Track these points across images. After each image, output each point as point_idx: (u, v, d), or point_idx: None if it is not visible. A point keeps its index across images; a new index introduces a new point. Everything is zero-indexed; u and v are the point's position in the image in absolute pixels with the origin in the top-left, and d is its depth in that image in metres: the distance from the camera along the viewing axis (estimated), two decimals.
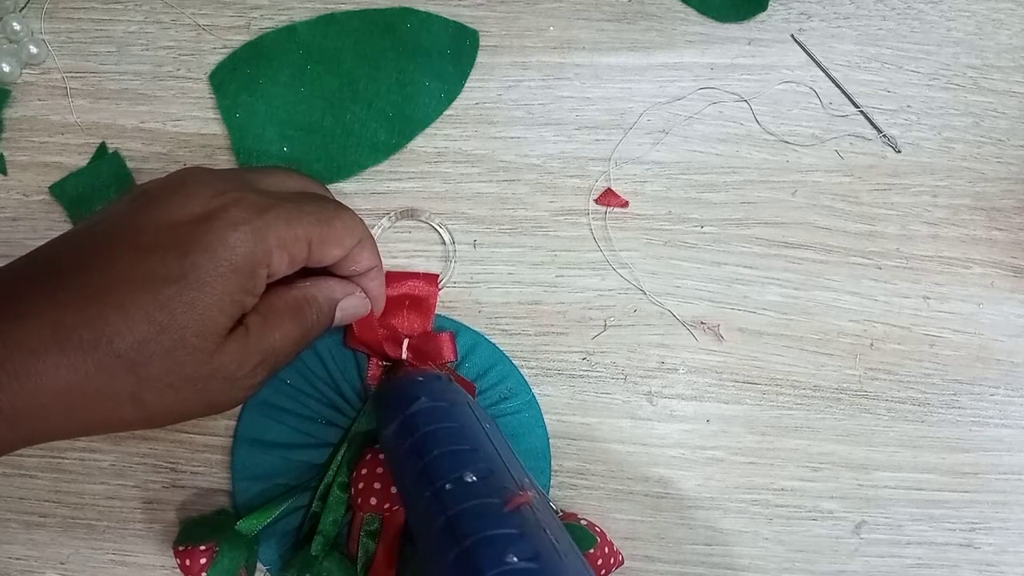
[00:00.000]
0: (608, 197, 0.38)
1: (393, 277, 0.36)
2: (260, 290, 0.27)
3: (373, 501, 0.32)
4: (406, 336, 0.36)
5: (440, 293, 0.37)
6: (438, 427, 0.29)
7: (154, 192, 0.27)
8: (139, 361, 0.24)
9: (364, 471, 0.33)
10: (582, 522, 0.34)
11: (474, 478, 0.26)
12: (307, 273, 0.30)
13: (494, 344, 0.37)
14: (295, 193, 0.29)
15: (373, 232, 0.37)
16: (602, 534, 0.34)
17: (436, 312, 0.37)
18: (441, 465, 0.27)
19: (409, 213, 0.38)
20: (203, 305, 0.25)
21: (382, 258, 0.32)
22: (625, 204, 0.38)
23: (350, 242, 0.29)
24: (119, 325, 0.23)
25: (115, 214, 0.26)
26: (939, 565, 0.37)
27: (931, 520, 0.37)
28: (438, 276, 0.37)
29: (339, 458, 0.35)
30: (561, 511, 0.36)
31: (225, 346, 0.26)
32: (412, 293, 0.36)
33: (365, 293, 0.32)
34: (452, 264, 0.37)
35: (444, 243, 0.38)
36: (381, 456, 0.33)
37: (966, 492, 0.37)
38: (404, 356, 0.35)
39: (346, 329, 0.35)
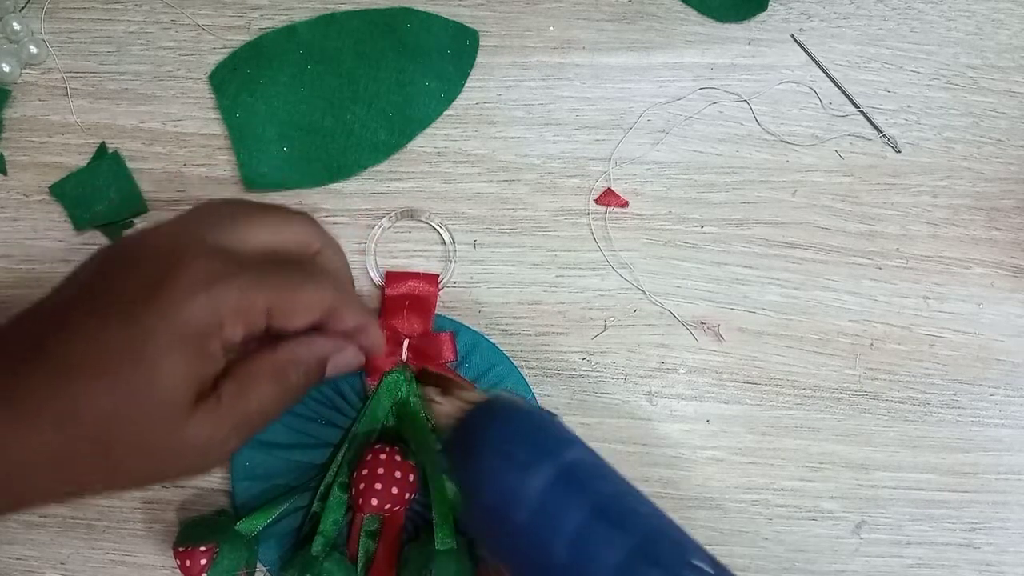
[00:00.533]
0: (608, 197, 0.38)
1: (393, 277, 0.36)
2: (218, 356, 0.26)
3: (374, 502, 0.32)
4: (406, 336, 0.36)
5: (440, 293, 0.37)
6: (625, 491, 0.24)
7: (117, 257, 0.26)
8: (106, 435, 0.24)
9: (365, 471, 0.33)
10: None
11: (710, 571, 0.23)
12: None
13: (494, 344, 0.37)
14: (264, 254, 0.28)
15: (373, 232, 0.37)
16: None
17: (436, 312, 0.37)
18: (666, 546, 0.23)
19: (409, 213, 0.38)
20: (161, 376, 0.24)
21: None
22: (625, 204, 0.38)
23: (318, 309, 0.28)
24: (84, 400, 0.24)
25: (82, 282, 0.26)
26: (939, 565, 0.37)
27: (931, 520, 0.37)
28: (438, 276, 0.37)
29: (339, 458, 0.35)
30: None
31: (194, 416, 0.25)
32: (412, 293, 0.36)
33: (360, 346, 0.30)
34: (452, 264, 0.37)
35: (444, 243, 0.38)
36: (382, 456, 0.33)
37: (966, 492, 0.37)
38: (404, 356, 0.35)
39: None
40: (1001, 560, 0.37)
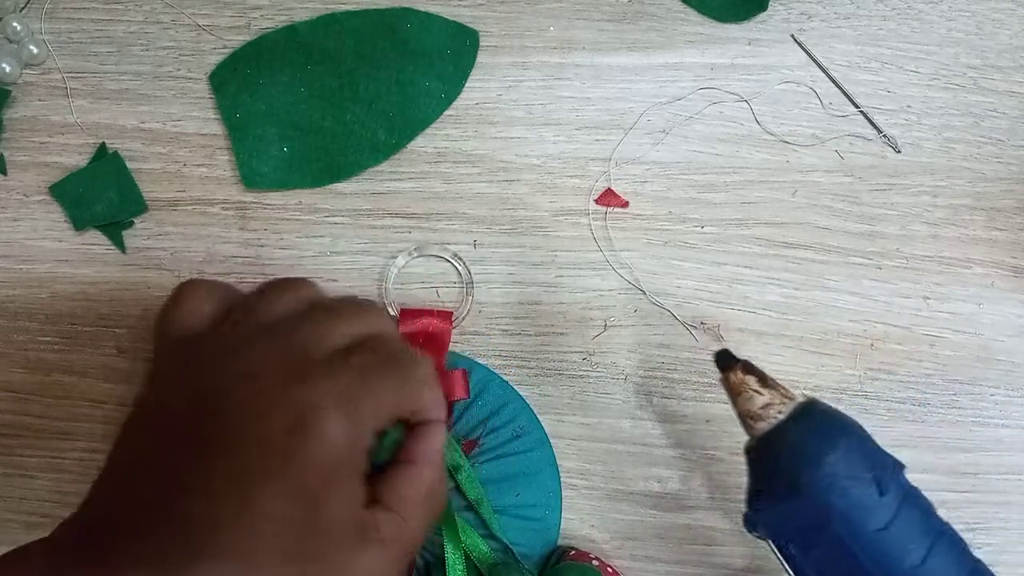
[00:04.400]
0: (608, 197, 0.38)
1: (408, 314, 0.36)
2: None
3: None
4: None
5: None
6: (948, 526, 0.28)
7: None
8: None
9: None
10: (594, 562, 0.34)
11: None
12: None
13: (506, 382, 0.36)
14: None
15: (389, 272, 0.37)
16: (614, 574, 0.34)
17: (449, 350, 0.36)
18: None
19: (423, 248, 0.37)
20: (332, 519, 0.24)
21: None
22: (625, 204, 0.38)
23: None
24: None
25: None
26: None
27: None
28: (452, 313, 0.37)
29: None
30: (574, 550, 0.35)
31: (366, 552, 0.25)
32: (427, 331, 0.36)
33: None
34: (468, 299, 0.37)
35: (460, 278, 0.37)
36: None
37: (966, 492, 0.37)
38: None
39: None
40: (1001, 560, 0.37)
